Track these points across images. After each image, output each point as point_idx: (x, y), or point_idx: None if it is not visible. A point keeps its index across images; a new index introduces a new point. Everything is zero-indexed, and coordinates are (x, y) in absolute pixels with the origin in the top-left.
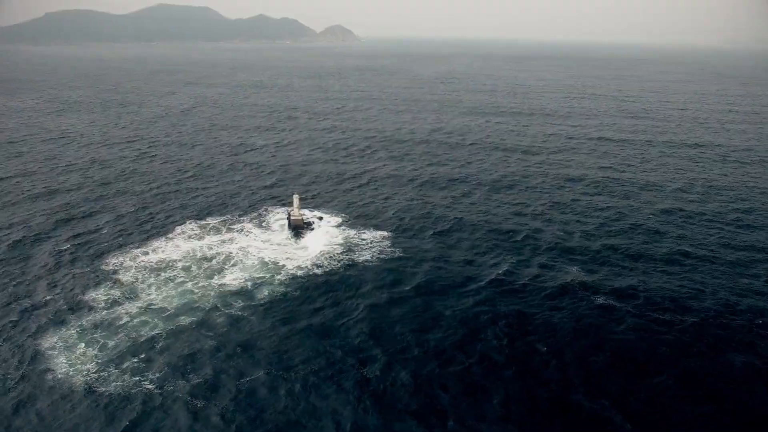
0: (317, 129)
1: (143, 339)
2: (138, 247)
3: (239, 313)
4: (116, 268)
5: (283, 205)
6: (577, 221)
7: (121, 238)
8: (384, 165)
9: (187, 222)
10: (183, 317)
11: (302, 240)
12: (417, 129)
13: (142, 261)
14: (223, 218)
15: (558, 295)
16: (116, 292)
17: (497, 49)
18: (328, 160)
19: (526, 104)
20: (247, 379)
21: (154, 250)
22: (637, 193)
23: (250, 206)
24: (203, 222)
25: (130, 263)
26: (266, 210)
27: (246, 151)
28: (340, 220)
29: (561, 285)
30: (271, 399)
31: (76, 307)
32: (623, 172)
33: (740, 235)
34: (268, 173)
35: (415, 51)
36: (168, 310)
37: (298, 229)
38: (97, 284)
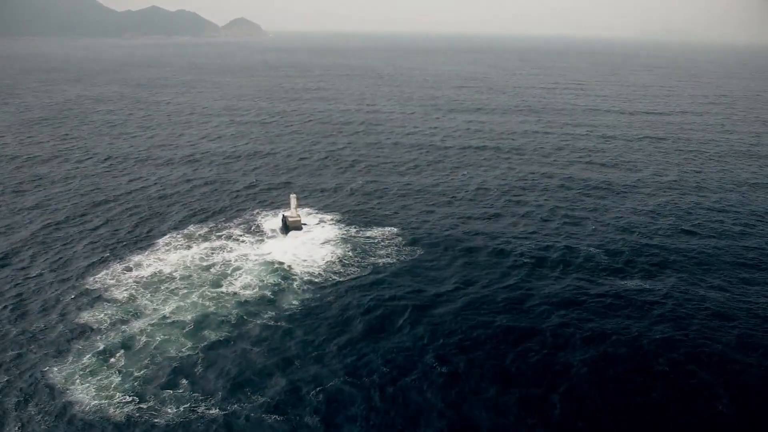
0: (276, 126)
1: (174, 360)
2: (120, 263)
3: (274, 323)
4: (104, 286)
5: (272, 207)
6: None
7: (97, 256)
8: (361, 160)
9: (169, 233)
10: (208, 331)
11: (303, 242)
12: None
13: (131, 276)
14: (207, 226)
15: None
16: (117, 311)
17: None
18: (304, 159)
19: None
20: (324, 387)
21: (139, 265)
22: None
23: (234, 211)
24: (186, 231)
25: (117, 280)
26: (253, 214)
27: (205, 154)
28: (338, 218)
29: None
30: (362, 407)
31: (78, 331)
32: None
33: None
34: (242, 175)
35: (330, 46)
36: (187, 325)
37: (297, 231)
38: (91, 305)
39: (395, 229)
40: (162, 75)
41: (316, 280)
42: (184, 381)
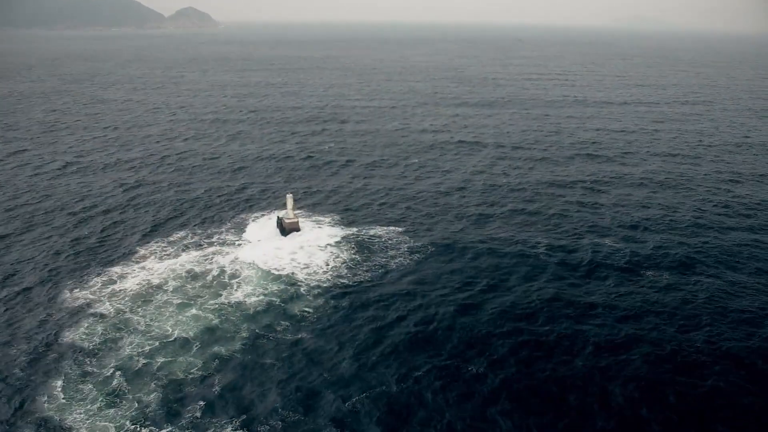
0: (251, 125)
1: (185, 382)
2: (100, 276)
3: (289, 335)
4: (86, 301)
5: (262, 209)
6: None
7: (72, 270)
8: (349, 156)
9: (152, 241)
10: (218, 347)
11: (302, 245)
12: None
13: (115, 290)
14: (194, 231)
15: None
16: (105, 329)
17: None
18: (290, 158)
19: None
20: (364, 398)
21: (122, 277)
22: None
23: (222, 215)
24: (171, 238)
25: (99, 295)
26: (243, 217)
27: (181, 155)
28: (336, 220)
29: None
30: (403, 418)
31: (65, 353)
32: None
33: None
34: (226, 176)
35: (291, 38)
36: (192, 342)
37: (295, 233)
38: (74, 323)
39: (399, 228)
40: (104, 70)
41: (324, 285)
42: (201, 403)
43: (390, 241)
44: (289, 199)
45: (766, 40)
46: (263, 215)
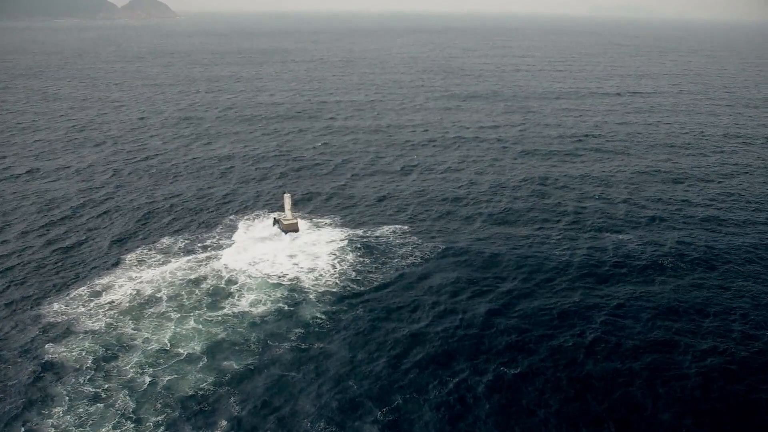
0: (230, 123)
1: (196, 399)
2: (85, 287)
3: (304, 344)
4: (71, 316)
5: (254, 210)
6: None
7: (53, 281)
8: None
9: (138, 248)
10: (228, 361)
11: (305, 248)
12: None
13: (103, 302)
14: (184, 236)
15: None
16: (97, 345)
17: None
18: (280, 156)
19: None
20: (391, 408)
21: (109, 287)
22: None
23: (213, 217)
24: (159, 245)
25: (86, 308)
26: (235, 219)
27: (162, 154)
28: (338, 220)
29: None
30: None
31: (56, 372)
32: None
33: None
34: (211, 177)
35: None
36: (198, 356)
37: (294, 234)
38: (61, 339)
39: (405, 227)
40: (53, 64)
41: (334, 290)
42: (223, 422)
43: (397, 242)
44: (287, 199)
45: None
46: (257, 217)
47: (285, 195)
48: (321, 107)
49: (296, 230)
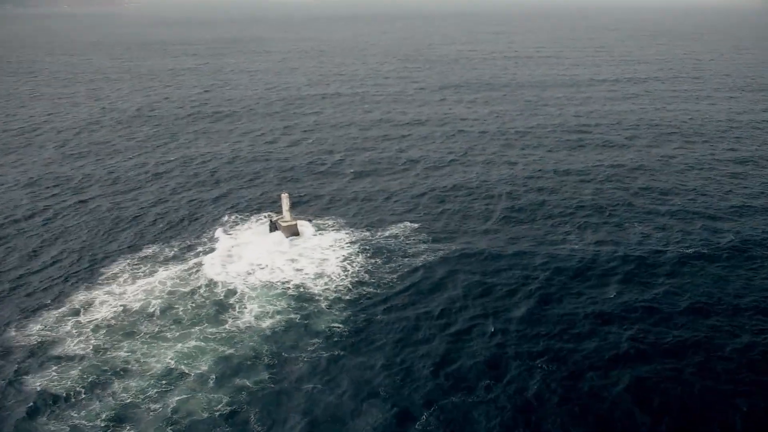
0: (204, 119)
1: (213, 422)
2: (60, 306)
3: (324, 353)
4: (48, 339)
5: (244, 213)
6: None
7: (21, 301)
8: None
9: (119, 258)
10: (241, 378)
11: (307, 252)
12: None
13: (83, 321)
14: (169, 242)
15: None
16: (87, 373)
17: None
18: (268, 154)
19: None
20: (434, 413)
21: (89, 305)
22: None
23: (200, 221)
24: (141, 253)
25: (65, 330)
26: (226, 222)
27: (137, 155)
28: (341, 221)
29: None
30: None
31: (44, 404)
32: None
33: None
34: (200, 178)
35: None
36: (208, 375)
37: (293, 238)
38: (40, 366)
39: (415, 225)
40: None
41: (348, 297)
42: None
43: (409, 241)
44: (285, 199)
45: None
46: (251, 220)
47: (282, 195)
48: (303, 101)
49: (296, 233)
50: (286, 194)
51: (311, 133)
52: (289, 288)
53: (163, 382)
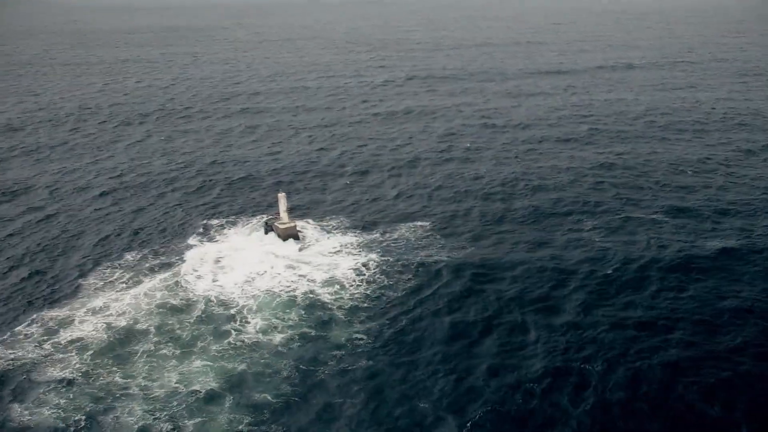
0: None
1: None
2: (34, 325)
3: (350, 366)
4: (25, 363)
5: (235, 214)
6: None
7: None
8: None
9: (97, 268)
10: (260, 394)
11: (310, 257)
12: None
13: (63, 341)
14: (153, 248)
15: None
16: (79, 400)
17: None
18: (249, 151)
19: None
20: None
21: (68, 323)
22: None
23: (186, 224)
24: (122, 261)
25: (44, 352)
26: (213, 226)
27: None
28: (345, 222)
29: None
30: None
31: None
32: None
33: None
34: (182, 179)
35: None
36: (222, 394)
37: (293, 240)
38: (26, 395)
39: (425, 223)
40: None
41: (365, 304)
42: None
43: (420, 243)
44: (282, 199)
45: None
46: (242, 221)
47: (279, 194)
48: (279, 95)
49: (295, 236)
50: (283, 194)
51: (302, 130)
52: (295, 297)
53: (173, 402)
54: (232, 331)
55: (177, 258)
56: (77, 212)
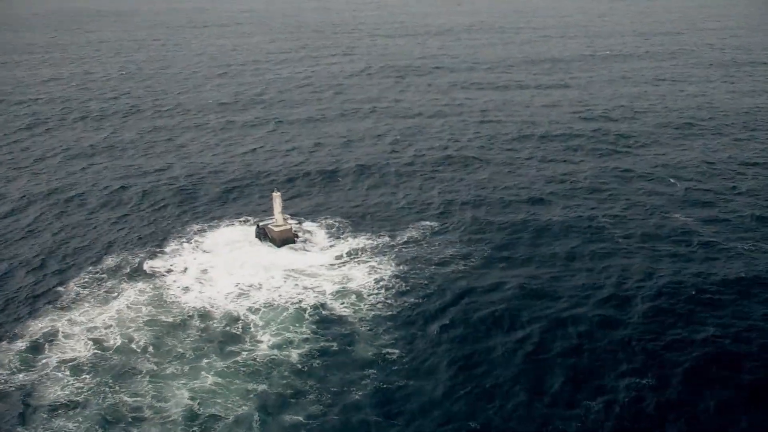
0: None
1: None
2: (11, 341)
3: (384, 385)
4: (12, 387)
5: (228, 219)
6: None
7: None
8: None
9: (78, 275)
10: (289, 415)
11: (313, 263)
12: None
13: (48, 360)
14: (132, 251)
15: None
16: (86, 425)
17: None
18: (247, 153)
19: None
20: None
21: (51, 338)
22: None
23: (169, 230)
24: (103, 265)
25: (27, 375)
26: (200, 231)
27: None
28: (347, 224)
29: None
30: None
31: None
32: None
33: None
34: (165, 181)
35: None
36: (249, 416)
37: (289, 244)
38: (26, 420)
39: (434, 223)
40: None
41: (389, 312)
42: None
43: (434, 246)
44: (276, 199)
45: None
46: (233, 224)
47: (274, 194)
48: (266, 91)
49: (292, 239)
50: (278, 193)
51: (292, 128)
52: (305, 310)
53: (195, 427)
54: (238, 350)
55: (164, 261)
56: (54, 220)
